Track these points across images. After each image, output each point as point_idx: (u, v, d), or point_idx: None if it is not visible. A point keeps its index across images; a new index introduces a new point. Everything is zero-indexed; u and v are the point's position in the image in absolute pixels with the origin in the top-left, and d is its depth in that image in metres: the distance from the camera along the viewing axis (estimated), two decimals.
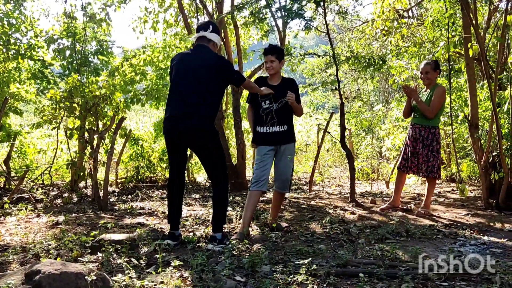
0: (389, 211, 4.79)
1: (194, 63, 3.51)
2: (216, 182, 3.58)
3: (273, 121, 3.86)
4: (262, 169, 3.83)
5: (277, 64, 3.90)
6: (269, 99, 3.84)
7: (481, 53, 4.70)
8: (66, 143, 6.35)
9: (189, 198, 5.91)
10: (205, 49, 3.58)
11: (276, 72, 3.93)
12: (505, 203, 4.65)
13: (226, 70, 3.57)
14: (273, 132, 3.87)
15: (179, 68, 3.57)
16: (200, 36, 3.60)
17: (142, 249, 3.30)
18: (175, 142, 3.53)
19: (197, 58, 3.54)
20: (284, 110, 3.89)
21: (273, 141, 3.88)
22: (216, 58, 3.55)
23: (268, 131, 3.87)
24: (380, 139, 9.25)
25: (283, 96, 3.85)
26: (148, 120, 13.31)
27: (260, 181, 3.81)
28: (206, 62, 3.49)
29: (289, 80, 4.00)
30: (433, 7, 7.59)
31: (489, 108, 5.09)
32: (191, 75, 3.47)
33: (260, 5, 5.04)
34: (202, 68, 3.47)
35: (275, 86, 3.89)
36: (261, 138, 3.90)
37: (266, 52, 3.91)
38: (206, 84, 3.45)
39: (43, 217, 4.59)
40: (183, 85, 3.50)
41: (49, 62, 7.10)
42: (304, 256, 3.06)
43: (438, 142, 4.60)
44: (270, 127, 3.86)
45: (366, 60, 6.03)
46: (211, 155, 3.54)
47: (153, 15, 8.24)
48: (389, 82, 9.33)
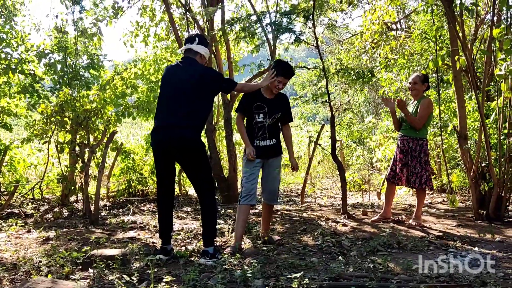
0: (381, 223, 4.81)
1: (180, 76, 3.53)
2: (203, 196, 3.57)
3: (264, 136, 3.87)
4: (252, 182, 3.83)
5: (285, 85, 3.93)
6: (263, 113, 3.84)
7: (468, 66, 4.78)
8: (57, 157, 6.31)
9: (181, 211, 5.89)
10: (192, 61, 3.60)
11: None
12: (494, 214, 4.69)
13: (213, 81, 3.58)
14: (264, 146, 3.87)
15: (167, 81, 3.60)
16: (187, 48, 3.63)
17: (134, 264, 3.29)
18: (163, 154, 3.53)
19: (183, 70, 3.56)
20: (275, 125, 3.92)
21: (262, 155, 3.88)
22: (202, 70, 3.57)
23: (259, 144, 3.87)
24: (371, 150, 9.31)
25: (276, 111, 3.88)
26: (139, 133, 13.27)
27: (250, 195, 3.81)
28: (192, 74, 3.51)
29: (283, 96, 4.01)
30: (421, 20, 7.73)
31: (478, 119, 5.16)
32: (178, 88, 3.50)
33: (251, 20, 5.10)
34: (188, 80, 3.49)
35: (270, 100, 3.89)
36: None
37: (287, 75, 3.86)
38: (192, 96, 3.47)
39: (34, 233, 4.54)
40: (170, 98, 3.52)
41: (40, 77, 7.08)
42: (296, 269, 3.06)
43: (426, 153, 4.65)
44: (261, 140, 3.87)
45: (355, 72, 6.10)
46: (198, 168, 3.54)
47: (144, 29, 8.29)
48: (379, 94, 9.43)
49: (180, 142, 3.43)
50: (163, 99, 3.58)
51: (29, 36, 7.31)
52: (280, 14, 5.19)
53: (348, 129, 10.56)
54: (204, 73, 3.56)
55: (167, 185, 3.64)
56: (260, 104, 3.84)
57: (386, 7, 7.89)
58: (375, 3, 8.25)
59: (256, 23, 5.21)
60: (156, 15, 8.25)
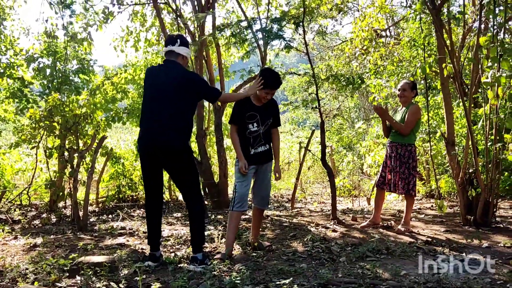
0: (370, 228, 4.84)
1: (163, 79, 3.51)
2: (191, 201, 3.55)
3: (261, 143, 3.87)
4: (246, 188, 3.81)
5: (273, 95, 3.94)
6: (256, 121, 3.83)
7: (456, 73, 4.85)
8: (45, 162, 6.25)
9: (171, 217, 5.86)
10: (174, 64, 3.56)
11: None
12: (482, 220, 4.74)
13: (195, 85, 3.55)
14: (259, 152, 3.87)
15: (149, 85, 3.57)
16: (168, 50, 3.59)
17: (122, 271, 3.26)
18: (149, 159, 3.51)
19: (165, 73, 3.53)
20: (268, 131, 3.94)
21: (258, 161, 3.88)
22: (183, 73, 3.54)
23: (255, 152, 3.85)
24: (361, 156, 9.36)
25: (268, 118, 3.88)
26: (129, 138, 13.19)
27: (244, 201, 3.79)
28: (175, 76, 3.48)
29: (272, 102, 4.00)
30: (409, 28, 7.81)
31: (465, 125, 5.23)
32: (161, 91, 3.47)
33: (241, 26, 5.12)
34: (171, 83, 3.47)
35: (260, 107, 3.88)
36: (249, 159, 3.83)
37: (274, 87, 3.82)
38: (175, 99, 3.45)
39: (21, 239, 4.49)
40: (153, 102, 3.50)
41: (29, 81, 7.02)
42: (286, 275, 3.06)
43: (414, 159, 4.70)
44: (258, 148, 3.86)
45: (345, 78, 6.14)
46: (184, 172, 3.52)
47: (135, 34, 8.27)
48: (369, 100, 9.50)
49: (164, 146, 3.41)
50: (146, 104, 3.56)
51: (18, 41, 7.24)
52: (270, 20, 5.21)
53: (338, 135, 10.62)
54: (188, 77, 3.54)
55: (155, 190, 3.62)
56: (252, 113, 3.82)
57: (376, 15, 7.98)
58: (365, 10, 8.34)
59: (246, 29, 5.23)
60: (147, 20, 8.24)
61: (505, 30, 4.44)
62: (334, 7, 7.50)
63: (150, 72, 3.64)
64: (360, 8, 8.80)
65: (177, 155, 3.45)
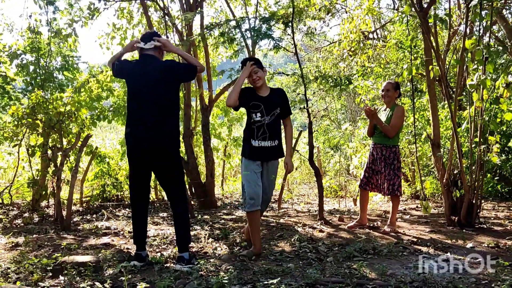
0: (357, 229, 4.86)
1: (143, 76, 3.44)
2: (176, 200, 3.51)
3: (264, 136, 3.69)
4: (254, 185, 3.62)
5: (262, 73, 3.75)
6: (261, 111, 3.68)
7: (442, 75, 4.90)
8: (27, 161, 6.13)
9: (157, 217, 5.80)
10: (150, 58, 3.52)
11: (264, 82, 3.79)
12: (466, 220, 4.80)
13: (173, 71, 3.49)
14: (264, 147, 3.70)
15: (132, 81, 3.51)
16: (141, 48, 3.55)
17: (107, 271, 3.21)
18: (138, 157, 3.47)
19: (145, 69, 3.46)
20: (275, 124, 3.74)
21: (263, 157, 3.72)
22: (160, 65, 3.50)
23: (260, 145, 3.70)
24: (348, 157, 9.41)
25: (273, 107, 3.73)
26: (114, 137, 13.02)
27: (255, 199, 3.60)
28: (154, 70, 3.44)
29: (278, 91, 3.85)
30: (396, 30, 7.90)
31: (450, 127, 5.29)
32: (144, 88, 3.42)
33: (230, 25, 5.10)
34: (152, 78, 3.42)
35: (265, 97, 3.74)
36: (253, 152, 3.70)
37: (256, 62, 3.72)
38: (159, 95, 3.41)
39: (2, 239, 4.39)
40: (138, 100, 3.45)
41: (11, 78, 6.87)
42: (273, 275, 3.05)
43: (399, 160, 4.74)
44: (261, 141, 3.69)
45: (333, 79, 6.17)
46: (171, 170, 3.48)
47: (121, 31, 8.16)
48: (356, 101, 9.57)
49: (151, 144, 3.37)
50: (131, 102, 3.51)
51: (1, 37, 7.09)
52: (259, 20, 5.21)
53: (325, 136, 10.66)
54: (163, 68, 3.47)
55: (142, 189, 3.57)
56: (256, 103, 3.69)
57: (363, 17, 8.03)
58: (353, 12, 8.39)
59: (235, 29, 5.21)
60: (134, 17, 8.15)
61: (490, 34, 4.50)
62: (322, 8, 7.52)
63: (131, 69, 3.53)
64: (348, 10, 8.86)
65: (165, 152, 3.41)
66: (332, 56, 9.92)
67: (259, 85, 3.75)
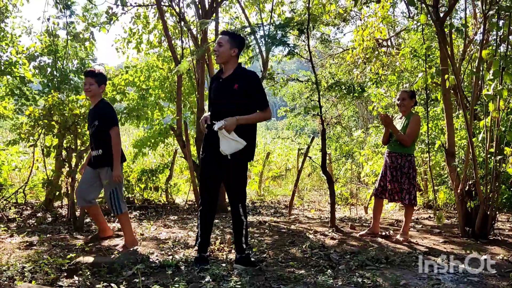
0: (368, 237, 4.82)
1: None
2: None
3: None
4: None
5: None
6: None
7: (457, 85, 4.87)
8: (42, 161, 6.21)
9: (168, 220, 5.82)
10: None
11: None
12: (480, 231, 4.74)
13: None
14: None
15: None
16: None
17: (121, 273, 3.23)
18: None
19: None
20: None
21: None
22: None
23: None
24: (359, 164, 9.37)
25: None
26: (127, 139, 13.14)
27: None
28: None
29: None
30: (411, 38, 7.87)
31: (465, 137, 5.25)
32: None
33: (245, 32, 5.12)
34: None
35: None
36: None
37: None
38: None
39: (17, 238, 4.44)
40: None
41: (29, 79, 6.99)
42: (285, 282, 3.05)
43: (414, 169, 4.70)
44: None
45: (346, 87, 6.16)
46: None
47: (137, 35, 8.26)
48: (368, 109, 9.54)
49: None
50: None
51: (20, 39, 7.24)
52: (274, 26, 5.23)
53: (337, 143, 10.63)
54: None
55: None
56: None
57: (378, 24, 8.03)
58: (367, 19, 8.39)
59: (250, 35, 5.24)
60: (150, 22, 8.25)
61: (507, 43, 4.47)
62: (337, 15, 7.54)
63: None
64: (362, 17, 8.86)
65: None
66: (345, 63, 9.91)
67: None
